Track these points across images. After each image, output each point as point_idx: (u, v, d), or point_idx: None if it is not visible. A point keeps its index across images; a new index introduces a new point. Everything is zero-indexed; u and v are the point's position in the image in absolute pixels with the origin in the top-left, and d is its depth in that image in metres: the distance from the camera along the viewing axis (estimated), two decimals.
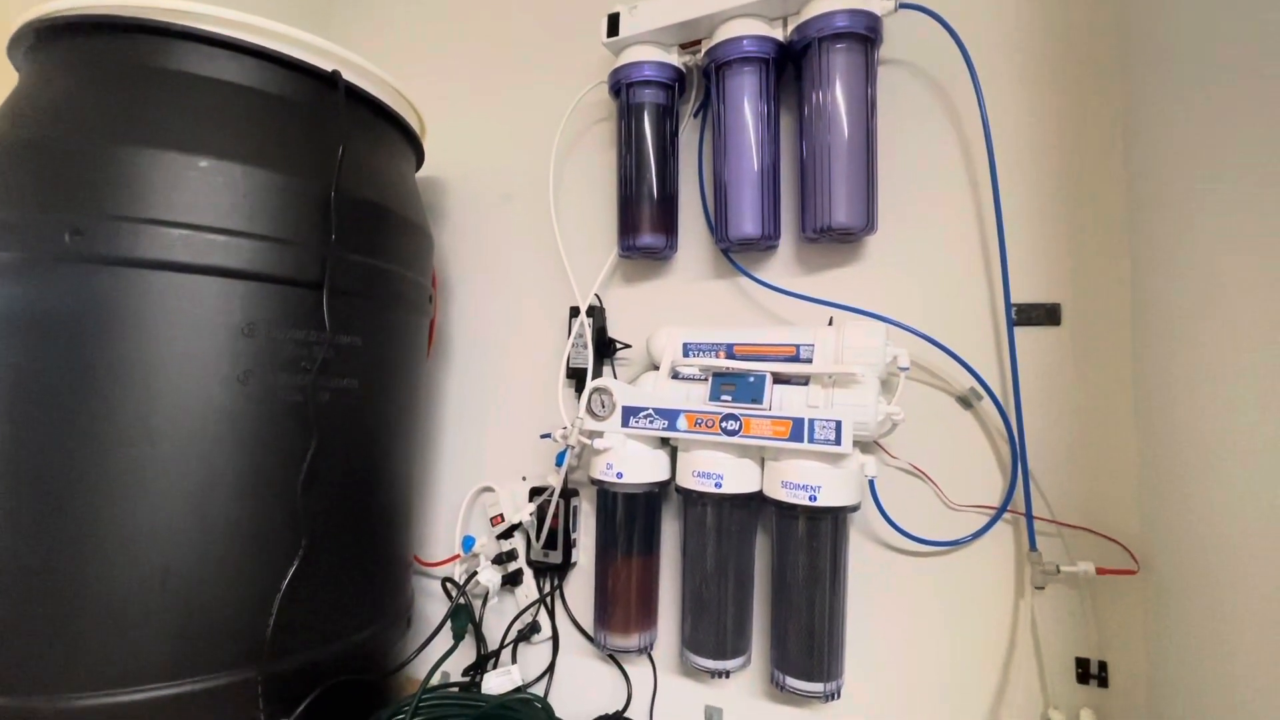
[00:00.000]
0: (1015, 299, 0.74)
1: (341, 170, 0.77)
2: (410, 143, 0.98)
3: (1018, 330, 0.74)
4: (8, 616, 0.61)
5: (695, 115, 0.95)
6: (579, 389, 0.96)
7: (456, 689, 0.90)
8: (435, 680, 0.80)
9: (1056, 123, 0.75)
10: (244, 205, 0.70)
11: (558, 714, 0.80)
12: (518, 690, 0.88)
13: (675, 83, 0.90)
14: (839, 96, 0.76)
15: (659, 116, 0.90)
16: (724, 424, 0.74)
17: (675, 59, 0.89)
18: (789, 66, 0.85)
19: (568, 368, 0.96)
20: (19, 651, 0.61)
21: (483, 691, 0.87)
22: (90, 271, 0.64)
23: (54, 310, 0.64)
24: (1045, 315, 0.74)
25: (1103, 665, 0.69)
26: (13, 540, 0.62)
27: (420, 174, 1.05)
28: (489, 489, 1.03)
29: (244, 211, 0.70)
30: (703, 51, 0.86)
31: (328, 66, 0.78)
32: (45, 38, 0.73)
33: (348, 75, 0.80)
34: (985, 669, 0.73)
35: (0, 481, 0.63)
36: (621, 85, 0.90)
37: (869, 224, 0.77)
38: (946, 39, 0.76)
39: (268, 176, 0.72)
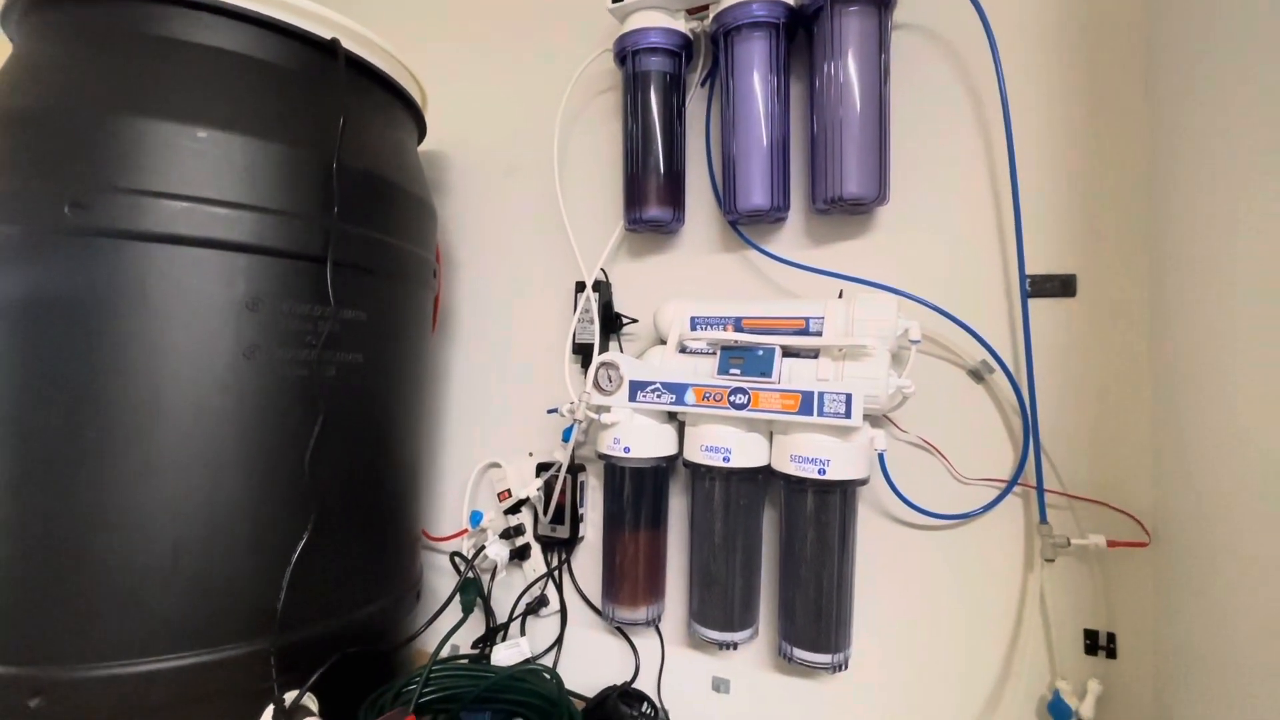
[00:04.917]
0: (1030, 270, 0.73)
1: (342, 142, 0.75)
2: (412, 115, 0.96)
3: (1032, 302, 0.72)
4: (24, 589, 0.62)
5: (703, 84, 0.92)
6: (585, 364, 0.95)
7: (466, 661, 0.91)
8: (444, 653, 0.81)
9: (1077, 87, 0.73)
10: (244, 177, 0.69)
11: (566, 686, 0.81)
12: (527, 662, 0.89)
13: (682, 50, 0.88)
14: (851, 63, 0.74)
15: (666, 86, 0.88)
16: (732, 398, 0.74)
17: (682, 25, 0.87)
18: (799, 32, 0.83)
19: (573, 343, 0.95)
20: (36, 623, 0.61)
21: (492, 663, 0.87)
22: (91, 244, 0.63)
23: (56, 284, 0.63)
24: (1060, 286, 0.72)
25: (1111, 637, 0.69)
26: (25, 515, 0.62)
27: (422, 148, 1.04)
28: (496, 465, 1.03)
29: (244, 183, 0.69)
30: (711, 17, 0.83)
31: (327, 34, 0.77)
32: (39, 6, 0.71)
33: (347, 44, 0.79)
34: (993, 641, 0.74)
35: (10, 457, 0.62)
36: (627, 53, 0.88)
37: (881, 194, 0.76)
38: (963, 1, 0.73)
39: (267, 148, 0.70)
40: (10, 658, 0.61)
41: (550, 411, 0.96)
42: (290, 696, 0.67)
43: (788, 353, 0.75)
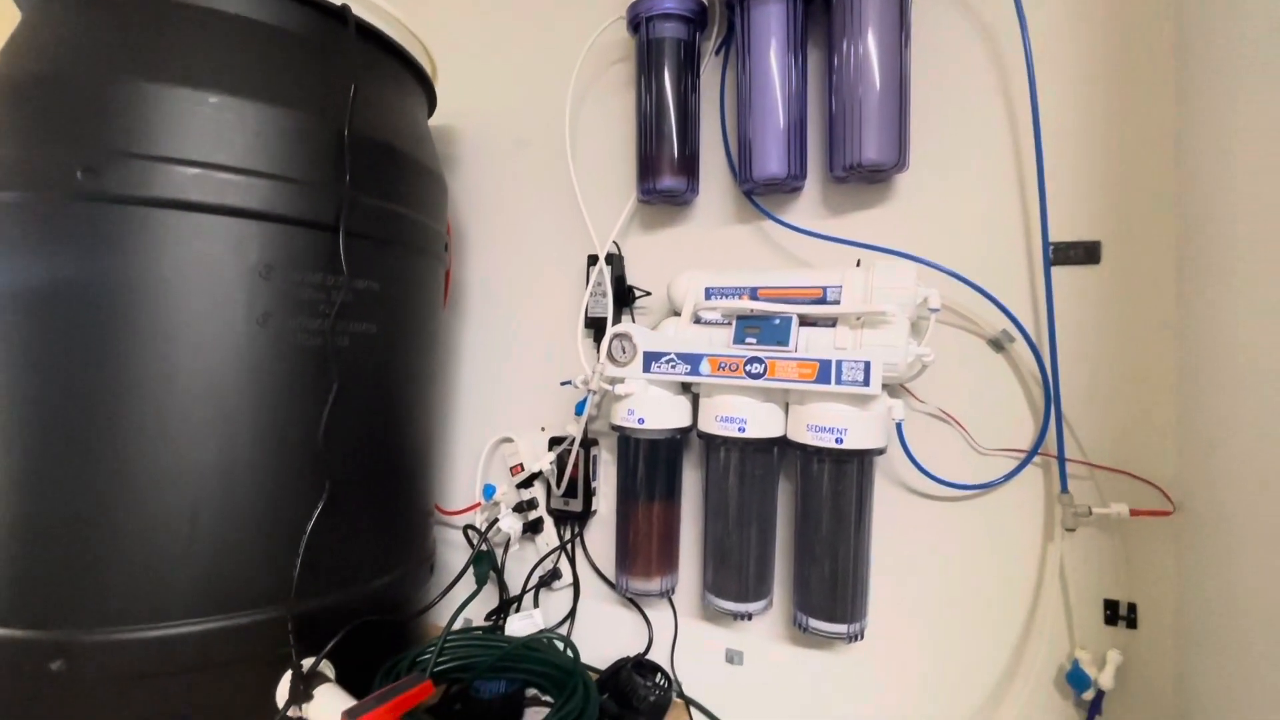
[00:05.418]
0: (1053, 237, 0.71)
1: (354, 110, 0.74)
2: (422, 85, 0.95)
3: (1055, 269, 0.71)
4: (45, 554, 0.62)
5: (717, 52, 0.91)
6: (598, 339, 0.94)
7: (480, 632, 0.92)
8: (458, 625, 0.81)
9: (1104, 49, 0.71)
10: (255, 144, 0.68)
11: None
12: (541, 633, 0.89)
13: (697, 17, 0.86)
14: (871, 26, 0.73)
15: (680, 53, 0.87)
16: (748, 367, 0.73)
17: None
18: None
19: (586, 317, 0.94)
20: (57, 587, 0.62)
21: (506, 634, 0.88)
22: (103, 210, 0.63)
23: (70, 250, 0.63)
24: (1084, 254, 0.71)
25: (1132, 607, 0.68)
26: (42, 481, 0.62)
27: (430, 121, 1.02)
28: (508, 439, 1.03)
29: (256, 150, 0.68)
30: None
31: (337, 0, 0.75)
32: None
33: (357, 10, 0.77)
34: (1011, 611, 0.73)
35: (27, 425, 0.62)
36: (640, 19, 0.86)
37: (900, 160, 0.74)
38: None
39: (279, 114, 0.70)
40: (32, 621, 0.61)
41: (564, 383, 0.95)
42: (308, 663, 0.68)
43: (804, 322, 0.74)
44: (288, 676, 0.67)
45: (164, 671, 0.63)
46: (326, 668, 0.70)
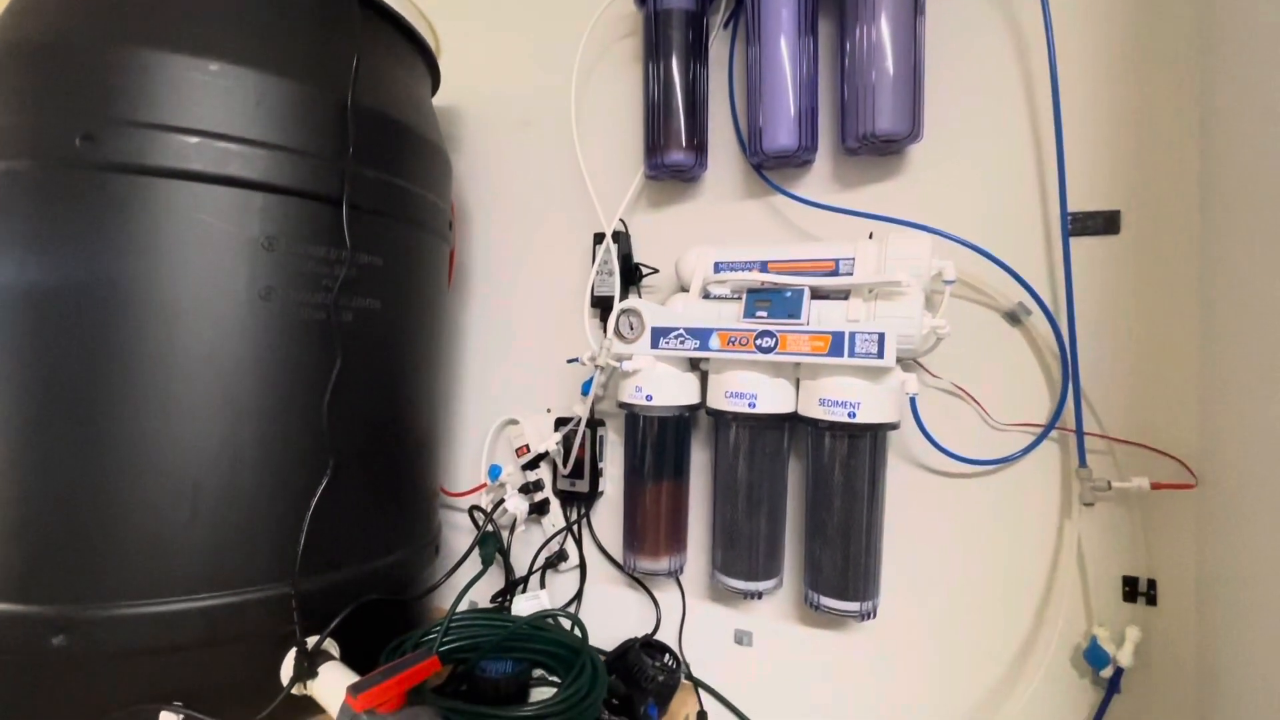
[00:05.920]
0: (1072, 207, 0.70)
1: (357, 81, 0.73)
2: (426, 61, 0.93)
3: (1073, 240, 0.69)
4: (47, 530, 0.61)
5: (726, 25, 0.89)
6: (604, 318, 0.93)
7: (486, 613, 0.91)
8: (463, 607, 0.80)
9: (1123, 12, 0.69)
10: (257, 113, 0.67)
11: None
12: (547, 612, 0.88)
13: None
14: None
15: (688, 26, 0.85)
16: (759, 341, 0.71)
17: None
18: None
19: (592, 296, 0.93)
20: (59, 562, 0.61)
21: (513, 614, 0.87)
22: (103, 179, 0.62)
23: (68, 220, 0.62)
24: (1103, 223, 0.69)
25: (1151, 583, 0.67)
26: (44, 456, 0.61)
27: (435, 100, 1.01)
28: (513, 421, 1.02)
29: (258, 119, 0.67)
30: None
31: None
32: None
33: None
34: (1027, 588, 0.72)
35: (29, 399, 0.61)
36: None
37: (914, 131, 0.73)
38: None
39: (280, 84, 0.68)
40: (33, 596, 0.60)
41: (570, 361, 0.94)
42: (313, 641, 0.67)
43: (816, 295, 0.73)
44: (292, 654, 0.66)
45: (166, 647, 0.62)
46: (331, 646, 0.69)
